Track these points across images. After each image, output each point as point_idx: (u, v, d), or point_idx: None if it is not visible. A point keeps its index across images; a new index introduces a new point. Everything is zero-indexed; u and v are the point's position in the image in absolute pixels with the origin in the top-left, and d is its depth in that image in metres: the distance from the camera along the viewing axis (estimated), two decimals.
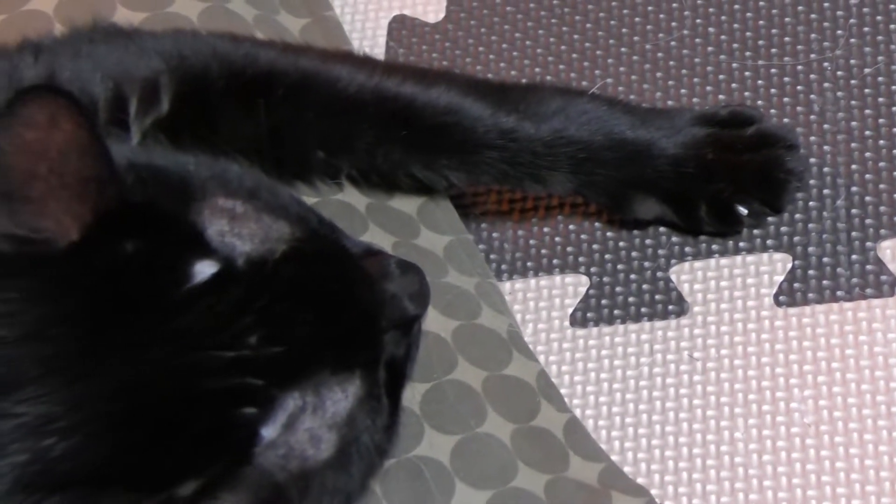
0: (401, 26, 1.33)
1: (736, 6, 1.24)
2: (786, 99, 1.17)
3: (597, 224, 1.17)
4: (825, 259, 1.08)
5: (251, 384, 0.73)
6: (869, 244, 1.08)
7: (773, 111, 1.16)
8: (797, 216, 1.11)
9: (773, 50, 1.20)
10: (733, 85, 1.20)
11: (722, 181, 1.06)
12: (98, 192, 0.73)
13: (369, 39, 1.33)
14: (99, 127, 0.80)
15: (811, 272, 1.08)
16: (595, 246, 1.16)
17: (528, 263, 1.17)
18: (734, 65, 1.21)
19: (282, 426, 0.75)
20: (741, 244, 1.11)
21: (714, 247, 1.12)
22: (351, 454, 0.80)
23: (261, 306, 0.75)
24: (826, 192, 1.11)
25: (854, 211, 1.10)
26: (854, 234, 1.09)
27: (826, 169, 1.12)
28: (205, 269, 0.75)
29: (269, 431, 0.74)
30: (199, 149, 0.89)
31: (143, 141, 0.97)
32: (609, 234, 1.16)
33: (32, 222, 0.73)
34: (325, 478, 0.78)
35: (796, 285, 1.08)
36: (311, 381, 0.77)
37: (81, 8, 1.10)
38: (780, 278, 1.09)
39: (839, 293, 1.06)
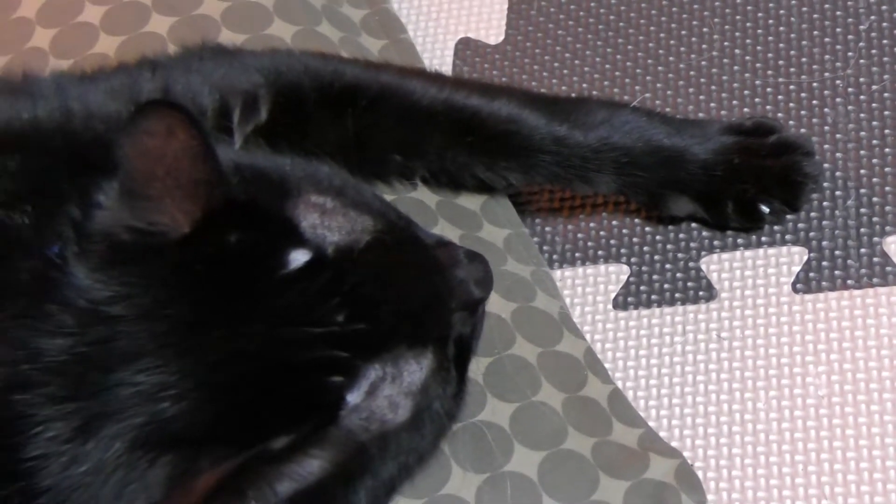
0: (465, 47, 1.33)
1: (759, 31, 1.24)
2: (803, 112, 1.17)
3: (636, 220, 1.17)
4: (837, 252, 1.09)
5: (338, 356, 0.75)
6: (876, 239, 1.08)
7: (791, 122, 1.16)
8: (812, 214, 1.11)
9: (792, 69, 1.20)
10: (756, 99, 1.20)
11: (747, 183, 1.07)
12: (207, 193, 0.75)
13: (438, 59, 1.32)
14: (209, 136, 0.78)
15: (825, 263, 1.08)
16: (635, 239, 1.16)
17: (577, 254, 1.17)
18: (757, 82, 1.20)
19: (364, 393, 0.76)
20: (763, 238, 1.11)
21: (739, 240, 1.12)
22: (424, 418, 0.81)
23: (347, 289, 0.77)
24: (838, 193, 1.11)
25: (863, 210, 1.10)
26: (863, 230, 1.09)
27: (838, 173, 1.12)
28: (299, 257, 0.77)
29: (353, 397, 0.75)
30: (293, 152, 0.90)
31: (245, 145, 0.98)
32: (647, 228, 1.16)
33: (150, 217, 0.74)
34: (401, 439, 0.79)
35: (811, 275, 1.08)
36: (391, 355, 0.78)
37: (191, 30, 1.11)
38: (797, 268, 1.09)
39: (849, 282, 1.07)
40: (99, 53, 1.12)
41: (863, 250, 1.08)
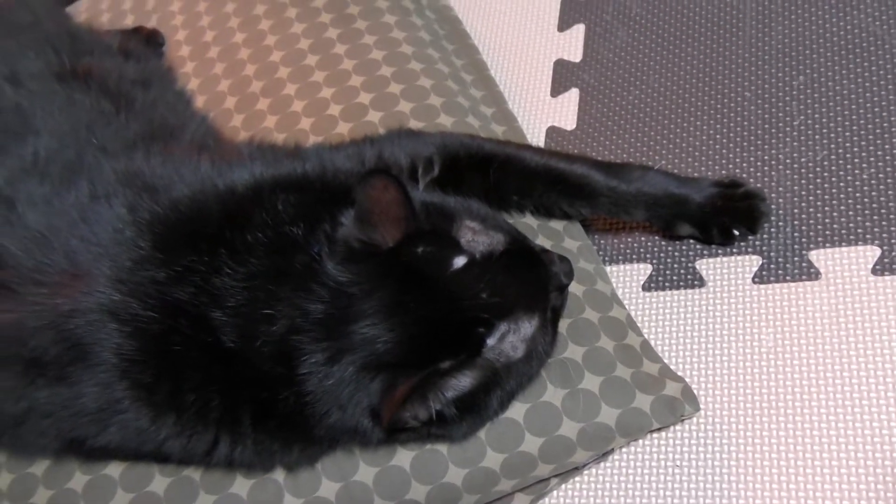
0: (552, 131, 1.36)
1: (733, 125, 1.26)
2: (758, 173, 1.20)
3: (656, 237, 1.19)
4: (779, 259, 1.12)
5: (482, 317, 0.81)
6: (804, 252, 1.12)
7: (752, 179, 1.19)
8: (765, 236, 1.14)
9: (752, 148, 1.23)
10: (730, 165, 1.23)
11: (725, 216, 1.09)
12: (405, 224, 0.81)
13: (536, 139, 1.35)
14: (408, 190, 0.81)
15: (772, 266, 1.12)
16: (655, 248, 1.19)
17: (619, 256, 1.20)
18: (731, 155, 1.24)
19: (498, 338, 0.82)
20: (734, 249, 1.15)
21: (720, 250, 1.15)
22: (532, 355, 0.85)
23: (488, 279, 0.82)
24: (780, 223, 1.14)
25: (795, 234, 1.13)
26: (796, 246, 1.12)
27: (780, 211, 1.15)
28: (459, 261, 0.82)
29: (491, 341, 0.82)
30: (455, 194, 0.94)
31: (426, 189, 1.00)
32: (663, 242, 1.19)
33: (371, 235, 0.82)
34: (519, 367, 0.85)
35: (764, 273, 1.11)
36: (514, 316, 0.83)
37: (391, 121, 1.16)
38: (755, 268, 1.12)
39: (787, 278, 1.10)
40: (338, 133, 1.17)
41: (796, 259, 1.11)
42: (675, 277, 1.15)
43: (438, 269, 0.81)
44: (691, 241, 1.16)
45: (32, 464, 0.98)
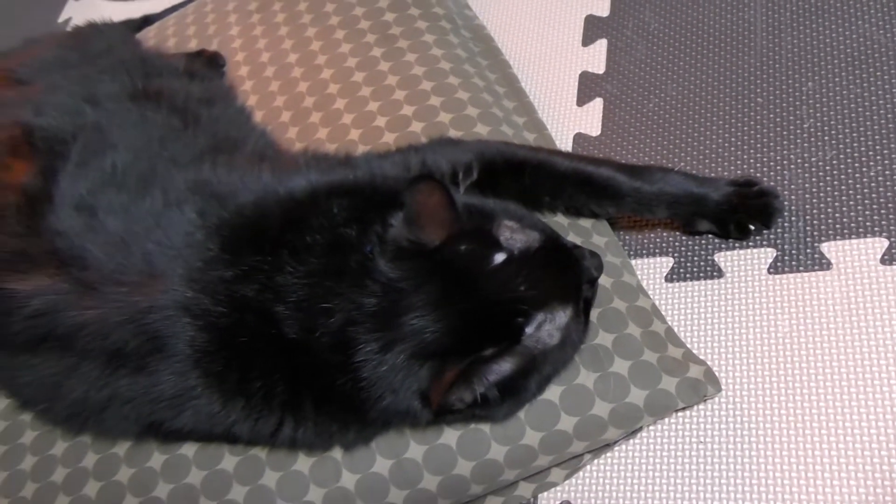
0: (578, 137, 1.36)
1: (745, 128, 1.25)
2: (772, 172, 1.19)
3: (677, 233, 1.18)
4: (793, 251, 1.10)
5: (521, 308, 0.81)
6: (816, 244, 1.10)
7: (765, 179, 1.18)
8: (778, 230, 1.13)
9: (765, 148, 1.22)
10: (745, 165, 1.21)
11: (741, 213, 1.08)
12: (450, 225, 0.82)
13: (564, 145, 1.34)
14: (452, 194, 0.82)
15: (786, 257, 1.10)
16: (676, 243, 1.18)
17: (643, 250, 1.19)
18: (745, 156, 1.22)
19: (535, 327, 0.81)
20: (750, 243, 1.13)
21: (736, 244, 1.14)
22: (566, 342, 0.85)
23: (526, 273, 0.81)
24: (793, 218, 1.13)
25: (807, 227, 1.12)
26: (807, 239, 1.11)
27: (793, 207, 1.14)
28: (498, 257, 0.82)
29: (529, 329, 0.81)
30: (493, 197, 0.93)
31: (466, 193, 0.99)
32: (683, 237, 1.18)
33: (418, 235, 0.82)
34: (554, 353, 0.84)
35: (778, 264, 1.10)
36: (549, 307, 0.82)
37: (433, 130, 1.16)
38: (770, 260, 1.11)
39: (800, 268, 1.09)
40: (384, 142, 1.17)
41: (808, 250, 1.10)
42: (695, 269, 1.14)
43: (480, 265, 0.81)
44: (710, 235, 1.15)
45: (115, 445, 1.01)
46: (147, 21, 1.69)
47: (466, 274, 0.80)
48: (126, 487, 0.98)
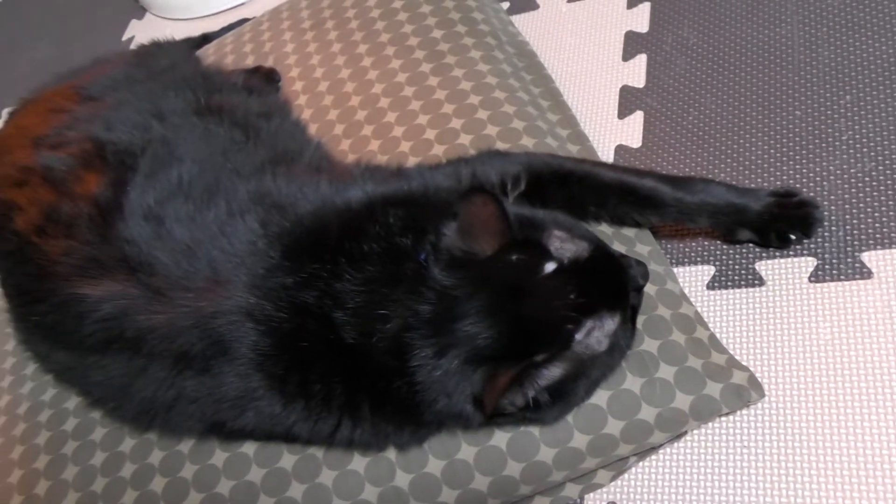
0: (620, 149, 1.35)
1: (785, 140, 1.24)
2: (811, 183, 1.18)
3: (718, 241, 1.17)
4: (833, 260, 1.09)
5: (571, 315, 0.79)
6: (856, 253, 1.09)
7: (804, 190, 1.17)
8: (819, 239, 1.12)
9: (804, 160, 1.20)
10: (784, 177, 1.20)
11: (782, 223, 1.07)
12: (502, 235, 0.81)
13: (606, 157, 1.33)
14: (505, 205, 0.81)
15: (827, 266, 1.09)
16: (718, 252, 1.17)
17: (685, 259, 1.18)
18: (785, 167, 1.21)
19: (584, 334, 0.80)
20: (790, 252, 1.12)
21: (777, 253, 1.13)
22: (614, 349, 0.83)
23: (575, 282, 0.80)
24: (833, 228, 1.12)
25: (848, 237, 1.10)
26: (848, 248, 1.09)
27: (833, 217, 1.13)
28: (549, 266, 0.81)
29: (579, 336, 0.80)
30: (540, 207, 0.93)
31: (514, 203, 0.97)
32: (724, 246, 1.16)
33: (471, 245, 0.81)
34: (602, 359, 0.83)
35: (819, 273, 1.09)
36: (598, 314, 0.81)
37: (481, 143, 1.14)
38: (811, 268, 1.10)
39: (841, 277, 1.07)
40: (433, 154, 1.18)
41: (849, 259, 1.08)
42: (736, 277, 1.13)
43: (531, 273, 0.80)
44: (750, 244, 1.14)
45: (180, 442, 1.01)
46: (206, 39, 1.71)
47: (518, 282, 0.80)
48: (190, 483, 0.98)
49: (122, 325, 0.88)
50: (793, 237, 1.08)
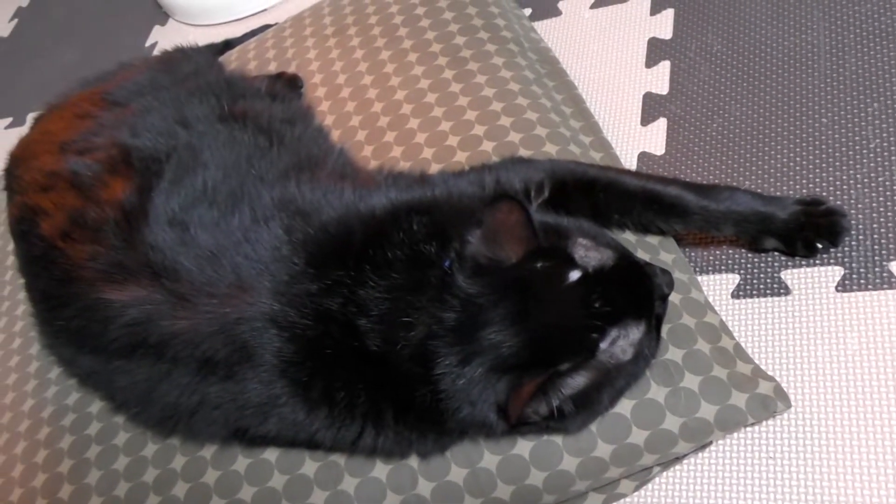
0: (643, 156, 1.35)
1: (811, 148, 1.23)
2: (838, 192, 1.18)
3: (743, 250, 1.17)
4: (861, 269, 1.08)
5: (595, 324, 0.79)
6: (884, 263, 1.09)
7: (831, 198, 1.16)
8: (846, 248, 1.11)
9: (831, 168, 1.20)
10: (810, 185, 1.20)
11: (808, 231, 1.06)
12: (527, 243, 0.81)
13: (629, 164, 1.33)
14: (530, 213, 0.81)
15: (854, 275, 1.08)
16: (742, 260, 1.16)
17: (709, 267, 1.18)
18: (811, 175, 1.20)
19: (609, 342, 0.80)
20: (817, 261, 1.12)
21: (803, 262, 1.12)
22: (639, 357, 0.83)
23: (600, 290, 0.80)
24: (860, 237, 1.11)
25: (875, 246, 1.10)
26: (875, 257, 1.09)
27: (860, 226, 1.13)
28: (574, 275, 0.81)
29: (603, 345, 0.80)
30: (563, 214, 0.93)
31: (537, 210, 0.96)
32: (750, 254, 1.16)
33: (496, 252, 0.81)
34: (627, 368, 0.83)
35: (846, 282, 1.08)
36: (623, 323, 0.81)
37: (504, 150, 1.15)
38: (837, 278, 1.09)
39: (869, 286, 1.07)
40: (456, 161, 1.18)
41: (876, 269, 1.08)
42: (761, 286, 1.12)
43: (556, 282, 0.80)
44: (776, 253, 1.14)
45: (202, 448, 1.01)
46: (228, 45, 1.71)
47: (543, 290, 0.79)
48: (212, 489, 0.99)
49: (146, 330, 0.88)
50: (819, 246, 1.07)
